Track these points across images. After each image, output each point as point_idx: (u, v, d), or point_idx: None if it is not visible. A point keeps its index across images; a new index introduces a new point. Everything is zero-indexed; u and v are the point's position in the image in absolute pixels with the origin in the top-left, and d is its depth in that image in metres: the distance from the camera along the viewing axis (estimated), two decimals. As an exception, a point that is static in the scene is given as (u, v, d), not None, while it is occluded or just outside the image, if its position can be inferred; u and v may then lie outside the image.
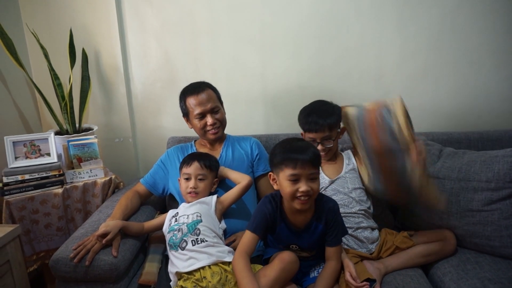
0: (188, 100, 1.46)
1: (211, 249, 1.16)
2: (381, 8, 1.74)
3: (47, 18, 1.86)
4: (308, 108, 1.43)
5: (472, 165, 1.37)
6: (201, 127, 1.46)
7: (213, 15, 1.83)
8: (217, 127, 1.47)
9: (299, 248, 1.21)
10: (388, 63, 1.81)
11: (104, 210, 1.47)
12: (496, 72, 1.77)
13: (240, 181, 1.34)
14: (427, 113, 1.85)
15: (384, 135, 1.22)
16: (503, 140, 1.60)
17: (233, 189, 1.34)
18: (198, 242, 1.17)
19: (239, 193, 1.33)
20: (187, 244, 1.17)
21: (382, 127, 1.22)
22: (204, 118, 1.45)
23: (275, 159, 1.12)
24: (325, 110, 1.38)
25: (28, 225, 1.54)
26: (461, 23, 1.72)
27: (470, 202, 1.34)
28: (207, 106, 1.44)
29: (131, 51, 1.91)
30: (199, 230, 1.20)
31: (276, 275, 1.06)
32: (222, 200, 1.32)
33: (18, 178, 1.53)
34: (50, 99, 1.78)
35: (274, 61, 1.86)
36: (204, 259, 1.14)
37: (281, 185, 1.10)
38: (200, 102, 1.43)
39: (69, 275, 1.20)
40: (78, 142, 1.65)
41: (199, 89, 1.45)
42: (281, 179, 1.10)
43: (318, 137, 1.36)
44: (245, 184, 1.33)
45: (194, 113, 1.44)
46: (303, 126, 1.41)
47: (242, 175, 1.37)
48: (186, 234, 1.19)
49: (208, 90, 1.47)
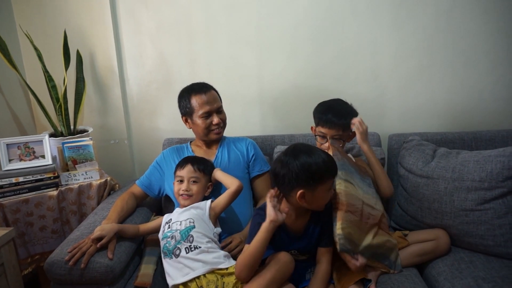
0: (194, 98, 1.46)
1: (205, 256, 1.16)
2: (377, 8, 1.75)
3: (41, 20, 1.85)
4: (327, 104, 1.43)
5: (465, 165, 1.38)
6: (205, 126, 1.46)
7: (209, 16, 1.83)
8: (221, 127, 1.49)
9: (298, 253, 1.21)
10: (384, 63, 1.82)
11: (99, 212, 1.46)
12: (490, 73, 1.78)
13: (229, 186, 1.33)
14: (421, 113, 1.86)
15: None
16: (496, 140, 1.62)
17: (223, 195, 1.33)
18: (192, 249, 1.16)
19: (229, 199, 1.31)
20: (181, 251, 1.17)
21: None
22: (210, 117, 1.46)
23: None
24: (343, 110, 1.39)
25: (23, 227, 1.53)
26: (456, 23, 1.74)
27: (463, 202, 1.35)
28: (213, 105, 1.45)
29: (127, 53, 1.91)
30: (192, 236, 1.19)
31: (272, 276, 1.07)
32: (213, 207, 1.31)
33: (12, 181, 1.52)
34: (44, 101, 1.77)
35: (270, 62, 1.87)
36: (199, 267, 1.14)
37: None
38: (208, 101, 1.44)
39: (64, 278, 1.19)
40: (73, 144, 1.64)
41: (205, 89, 1.47)
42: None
43: (329, 133, 1.37)
44: (234, 190, 1.31)
45: (200, 111, 1.44)
46: (318, 120, 1.41)
47: (233, 180, 1.33)
48: (179, 241, 1.19)
49: (212, 91, 1.50)
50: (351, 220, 1.17)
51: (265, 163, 1.56)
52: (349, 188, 1.22)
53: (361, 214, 1.22)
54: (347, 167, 1.28)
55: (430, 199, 1.42)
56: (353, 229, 1.17)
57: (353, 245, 1.16)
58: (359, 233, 1.19)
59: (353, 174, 1.28)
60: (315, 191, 1.09)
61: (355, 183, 1.26)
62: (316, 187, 1.08)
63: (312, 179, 1.07)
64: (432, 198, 1.41)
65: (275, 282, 1.07)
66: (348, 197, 1.19)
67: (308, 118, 1.55)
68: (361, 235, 1.19)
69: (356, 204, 1.21)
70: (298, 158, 1.08)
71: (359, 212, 1.21)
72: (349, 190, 1.21)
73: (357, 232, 1.18)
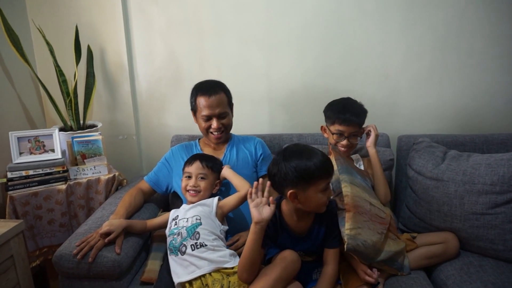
0: (199, 98, 1.45)
1: (211, 254, 1.15)
2: (386, 9, 1.74)
3: (53, 15, 1.86)
4: (341, 102, 1.45)
5: (477, 168, 1.36)
6: (205, 127, 1.46)
7: (218, 15, 1.83)
8: (221, 132, 1.46)
9: (304, 254, 1.21)
10: (393, 64, 1.81)
11: (107, 207, 1.47)
12: (501, 75, 1.76)
13: (239, 189, 1.32)
14: (431, 115, 1.85)
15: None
16: (508, 143, 1.59)
17: (232, 196, 1.32)
18: (198, 247, 1.16)
19: (238, 202, 1.31)
20: (187, 248, 1.17)
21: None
22: (210, 120, 1.45)
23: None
24: (358, 107, 1.43)
25: (32, 220, 1.54)
26: (467, 26, 1.72)
27: (474, 205, 1.34)
28: (215, 110, 1.43)
29: (137, 49, 1.92)
30: (199, 233, 1.19)
31: (278, 274, 1.06)
32: (221, 206, 1.31)
33: (22, 174, 1.53)
34: (54, 95, 1.78)
35: (279, 61, 1.86)
36: (204, 266, 1.13)
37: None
38: (210, 105, 1.42)
39: (72, 271, 1.20)
40: (82, 138, 1.66)
41: (211, 91, 1.43)
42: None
43: (348, 131, 1.39)
44: (244, 194, 1.29)
45: (202, 113, 1.44)
46: (335, 119, 1.41)
47: (244, 183, 1.32)
48: (185, 238, 1.19)
49: (221, 94, 1.45)
50: (360, 221, 1.16)
51: (273, 162, 1.55)
52: (355, 190, 1.22)
53: (370, 215, 1.21)
54: (351, 170, 1.29)
55: (439, 201, 1.40)
56: (364, 230, 1.16)
57: (363, 246, 1.15)
58: (370, 233, 1.18)
59: (357, 178, 1.29)
60: (307, 192, 1.07)
61: (361, 186, 1.27)
62: (308, 188, 1.07)
63: (302, 179, 1.06)
64: (441, 200, 1.39)
65: (281, 281, 1.07)
66: (355, 199, 1.19)
67: (316, 117, 1.54)
68: (372, 235, 1.18)
69: (364, 206, 1.21)
70: (288, 158, 1.08)
71: (367, 213, 1.20)
72: (355, 192, 1.21)
73: (367, 233, 1.17)
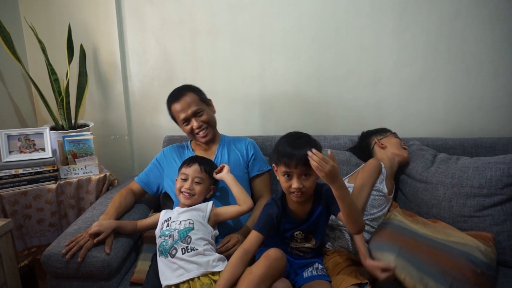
0: (172, 107, 1.45)
1: (201, 258, 1.15)
2: (380, 13, 1.76)
3: (46, 13, 1.85)
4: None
5: (465, 171, 1.38)
6: (189, 131, 1.46)
7: (213, 16, 1.84)
8: (204, 129, 1.45)
9: (303, 235, 1.21)
10: (386, 68, 1.82)
11: (97, 207, 1.46)
12: (492, 80, 1.79)
13: (240, 203, 1.31)
14: (422, 118, 1.86)
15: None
16: (496, 147, 1.62)
17: (231, 209, 1.32)
18: (188, 251, 1.16)
19: (236, 216, 1.32)
20: (177, 251, 1.16)
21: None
22: (189, 122, 1.44)
23: (275, 154, 1.19)
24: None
25: (20, 220, 1.53)
26: (459, 30, 1.74)
27: (462, 208, 1.35)
28: (188, 111, 1.42)
29: (130, 49, 1.91)
30: (190, 238, 1.18)
31: (262, 272, 1.05)
32: (217, 213, 1.30)
33: (12, 172, 1.52)
34: (46, 94, 1.77)
35: (272, 63, 1.87)
36: (193, 269, 1.13)
37: (279, 179, 1.17)
38: (182, 108, 1.42)
39: (60, 271, 1.19)
40: (73, 138, 1.64)
41: (179, 95, 1.43)
42: (279, 174, 1.17)
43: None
44: (245, 210, 1.30)
45: (179, 119, 1.44)
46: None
47: (245, 197, 1.32)
48: (176, 241, 1.18)
49: (189, 94, 1.43)
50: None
51: (264, 163, 1.55)
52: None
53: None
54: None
55: (428, 204, 1.42)
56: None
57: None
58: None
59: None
60: (277, 170, 1.15)
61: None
62: (277, 165, 1.15)
63: (274, 152, 1.17)
64: (430, 203, 1.41)
65: (265, 279, 1.06)
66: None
67: (308, 120, 1.56)
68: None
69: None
70: (288, 135, 1.17)
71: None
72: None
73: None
